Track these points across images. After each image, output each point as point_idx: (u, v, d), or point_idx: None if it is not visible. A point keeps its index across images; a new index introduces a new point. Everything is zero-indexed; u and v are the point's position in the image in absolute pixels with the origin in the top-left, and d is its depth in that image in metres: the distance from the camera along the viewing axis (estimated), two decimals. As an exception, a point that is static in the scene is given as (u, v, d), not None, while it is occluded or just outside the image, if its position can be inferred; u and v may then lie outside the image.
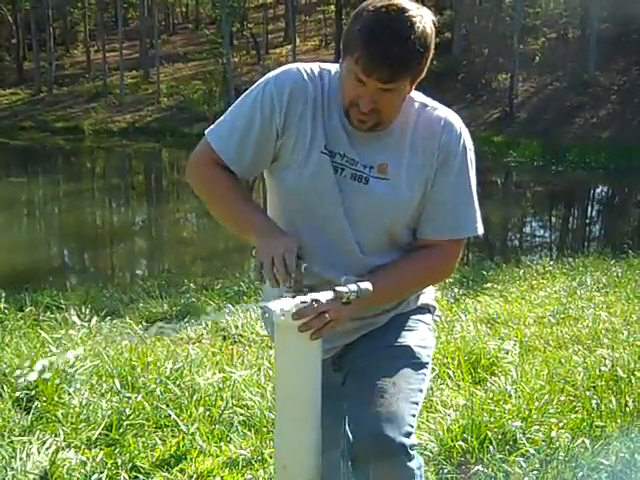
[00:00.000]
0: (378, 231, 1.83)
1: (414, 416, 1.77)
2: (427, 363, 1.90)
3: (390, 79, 1.65)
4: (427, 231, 1.86)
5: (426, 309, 2.03)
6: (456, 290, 6.64)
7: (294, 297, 1.65)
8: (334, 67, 1.84)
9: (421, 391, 1.84)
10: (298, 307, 1.64)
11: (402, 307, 1.96)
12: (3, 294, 6.13)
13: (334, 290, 1.62)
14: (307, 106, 1.79)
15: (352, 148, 1.79)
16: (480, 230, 1.88)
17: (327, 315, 1.66)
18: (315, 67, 1.84)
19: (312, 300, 1.64)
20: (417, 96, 1.83)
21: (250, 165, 1.84)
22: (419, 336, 1.92)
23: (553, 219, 16.44)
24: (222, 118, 1.87)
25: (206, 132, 1.88)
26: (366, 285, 1.64)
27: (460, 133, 1.83)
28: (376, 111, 1.71)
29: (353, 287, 1.62)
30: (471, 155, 1.85)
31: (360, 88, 1.68)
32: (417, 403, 1.81)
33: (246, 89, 1.87)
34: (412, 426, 1.74)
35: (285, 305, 1.62)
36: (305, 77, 1.81)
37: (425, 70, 1.70)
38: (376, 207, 1.80)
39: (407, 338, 1.90)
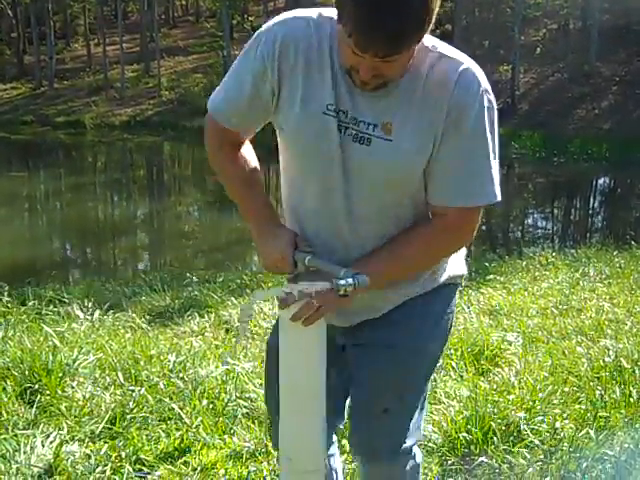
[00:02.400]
0: (382, 199, 1.67)
1: (414, 418, 1.86)
2: (434, 360, 1.89)
3: (387, 55, 1.45)
4: (437, 198, 1.66)
5: (444, 290, 1.84)
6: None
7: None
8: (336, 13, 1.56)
9: (423, 392, 1.88)
10: (281, 296, 1.66)
11: (416, 289, 1.79)
12: (6, 288, 6.15)
13: (331, 282, 1.58)
14: (298, 60, 1.61)
15: (355, 105, 1.60)
16: (497, 197, 1.64)
17: (314, 302, 1.63)
18: (314, 14, 1.64)
19: (298, 291, 1.64)
20: (434, 44, 1.60)
21: (246, 125, 1.76)
22: (427, 331, 1.82)
23: (555, 211, 16.42)
24: (223, 81, 1.76)
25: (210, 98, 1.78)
26: (363, 278, 1.58)
27: (478, 88, 1.58)
28: (379, 76, 1.51)
29: (350, 280, 1.58)
30: (491, 114, 1.60)
31: (358, 58, 1.48)
32: (418, 407, 1.87)
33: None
34: (408, 429, 1.85)
35: (273, 292, 1.67)
36: (300, 28, 1.62)
37: (431, 26, 1.47)
38: (379, 172, 1.62)
39: (415, 334, 1.81)
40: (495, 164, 1.64)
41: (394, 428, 1.86)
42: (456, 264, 1.85)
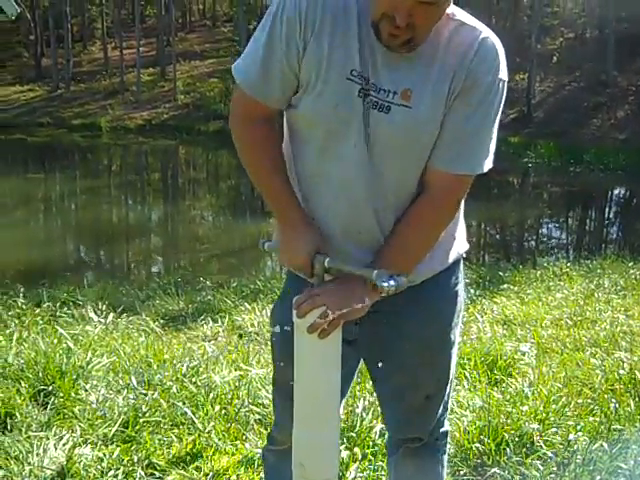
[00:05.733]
0: (403, 170, 1.64)
1: (444, 410, 1.93)
2: (458, 327, 1.86)
3: None
4: (437, 163, 1.63)
5: (452, 266, 1.82)
6: (472, 291, 6.61)
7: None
8: None
9: (454, 360, 1.89)
10: (297, 300, 1.65)
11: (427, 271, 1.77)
12: (21, 290, 6.18)
13: (374, 285, 1.54)
14: (325, 19, 1.56)
15: (375, 72, 1.57)
16: (487, 168, 1.64)
17: (329, 312, 1.60)
18: None
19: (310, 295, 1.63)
20: (455, 12, 1.60)
21: (280, 97, 1.65)
22: (450, 310, 1.83)
23: (570, 220, 16.33)
24: (247, 47, 1.67)
25: (233, 67, 1.67)
26: (402, 279, 1.54)
27: (495, 59, 1.58)
28: (411, 26, 1.48)
29: (392, 282, 1.52)
30: (502, 87, 1.60)
31: (395, 1, 1.46)
32: (451, 377, 1.90)
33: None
34: (447, 406, 1.94)
35: None
36: None
37: None
38: (398, 140, 1.60)
39: (440, 318, 1.81)
40: (495, 135, 1.64)
41: (438, 408, 1.91)
42: (461, 242, 1.84)
